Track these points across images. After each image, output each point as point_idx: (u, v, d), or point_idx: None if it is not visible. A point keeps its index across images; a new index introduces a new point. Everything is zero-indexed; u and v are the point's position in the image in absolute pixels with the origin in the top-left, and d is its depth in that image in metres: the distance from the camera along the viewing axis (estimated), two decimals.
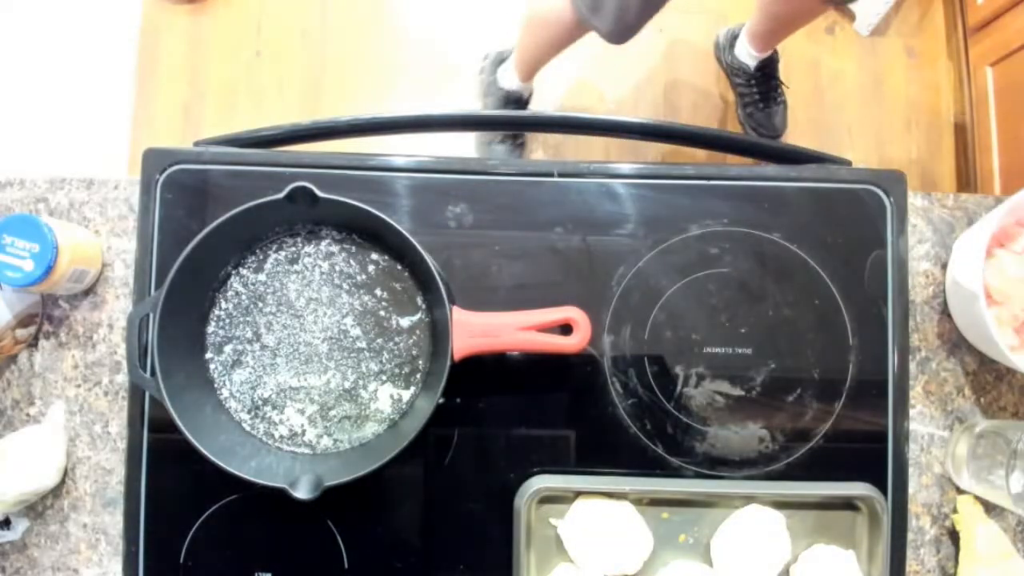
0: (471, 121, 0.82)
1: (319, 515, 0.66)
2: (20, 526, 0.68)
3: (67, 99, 1.56)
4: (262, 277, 0.66)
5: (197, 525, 0.66)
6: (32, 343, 0.70)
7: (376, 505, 0.66)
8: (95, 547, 0.69)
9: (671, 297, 0.68)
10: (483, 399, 0.66)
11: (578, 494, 0.64)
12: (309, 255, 0.66)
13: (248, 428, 0.65)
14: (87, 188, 0.72)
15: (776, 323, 0.68)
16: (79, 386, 0.70)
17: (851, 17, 1.80)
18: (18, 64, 1.36)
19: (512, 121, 0.73)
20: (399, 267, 0.66)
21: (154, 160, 0.68)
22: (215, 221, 0.60)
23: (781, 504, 0.64)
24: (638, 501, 0.64)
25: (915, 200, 0.72)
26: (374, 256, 0.67)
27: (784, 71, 1.77)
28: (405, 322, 0.66)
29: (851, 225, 0.69)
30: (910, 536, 0.67)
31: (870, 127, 1.78)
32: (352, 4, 1.81)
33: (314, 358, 0.66)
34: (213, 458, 0.58)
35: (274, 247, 0.67)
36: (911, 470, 0.68)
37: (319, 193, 0.61)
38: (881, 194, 0.69)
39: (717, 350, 0.67)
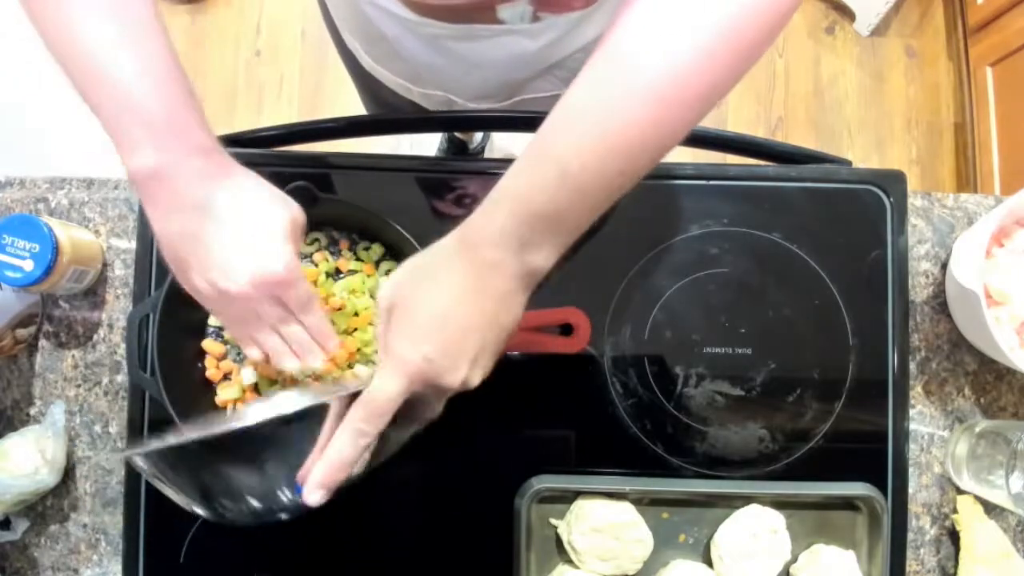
0: (472, 121, 0.82)
1: (318, 515, 0.66)
2: (20, 526, 0.68)
3: (67, 99, 1.56)
4: None
5: (197, 525, 0.66)
6: (32, 343, 0.70)
7: (376, 505, 0.66)
8: (95, 547, 0.69)
9: (671, 297, 0.68)
10: (483, 399, 0.66)
11: (578, 494, 0.64)
12: (309, 255, 0.66)
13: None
14: (87, 188, 0.72)
15: (776, 323, 0.68)
16: (79, 386, 0.70)
17: (851, 17, 1.81)
18: (18, 63, 1.36)
19: (513, 120, 0.73)
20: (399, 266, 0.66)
21: None
22: None
23: (781, 504, 0.64)
24: (638, 501, 0.64)
25: (915, 200, 0.72)
26: None
27: (784, 71, 1.77)
28: None
29: (851, 225, 0.69)
30: (910, 536, 0.67)
31: (870, 127, 1.78)
32: None
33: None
34: None
35: None
36: (911, 470, 0.68)
37: (318, 193, 0.61)
38: (881, 194, 0.69)
39: (717, 350, 0.67)
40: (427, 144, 1.68)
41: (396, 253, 0.66)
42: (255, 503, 0.45)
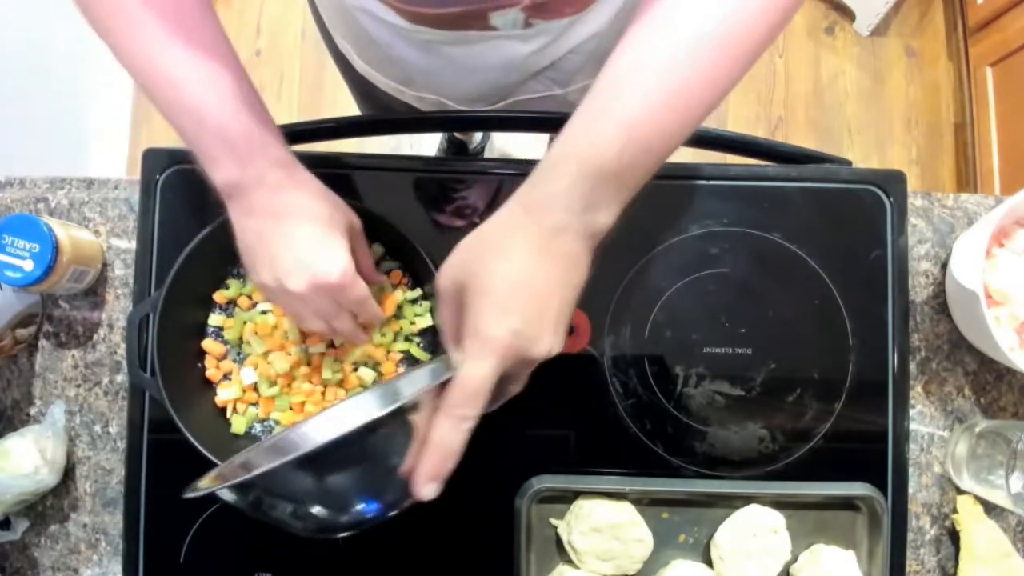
0: (470, 121, 0.82)
1: None
2: (20, 526, 0.68)
3: (67, 99, 1.56)
4: None
5: (197, 525, 0.66)
6: (32, 343, 0.70)
7: None
8: (95, 547, 0.69)
9: (671, 297, 0.68)
10: None
11: (578, 494, 0.64)
12: None
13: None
14: (87, 188, 0.72)
15: (776, 323, 0.68)
16: (79, 386, 0.70)
17: (851, 17, 1.81)
18: (18, 63, 1.36)
19: (511, 120, 0.73)
20: (398, 265, 0.66)
21: (154, 160, 0.68)
22: (215, 221, 0.60)
23: (781, 504, 0.64)
24: (638, 501, 0.64)
25: (915, 200, 0.72)
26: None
27: (784, 71, 1.77)
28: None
29: (851, 225, 0.69)
30: (910, 536, 0.67)
31: (870, 127, 1.78)
32: None
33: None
34: (213, 458, 0.58)
35: None
36: (911, 470, 0.68)
37: None
38: (881, 194, 0.69)
39: (717, 350, 0.67)
40: (427, 144, 1.68)
41: (396, 253, 0.66)
42: (319, 511, 0.44)
